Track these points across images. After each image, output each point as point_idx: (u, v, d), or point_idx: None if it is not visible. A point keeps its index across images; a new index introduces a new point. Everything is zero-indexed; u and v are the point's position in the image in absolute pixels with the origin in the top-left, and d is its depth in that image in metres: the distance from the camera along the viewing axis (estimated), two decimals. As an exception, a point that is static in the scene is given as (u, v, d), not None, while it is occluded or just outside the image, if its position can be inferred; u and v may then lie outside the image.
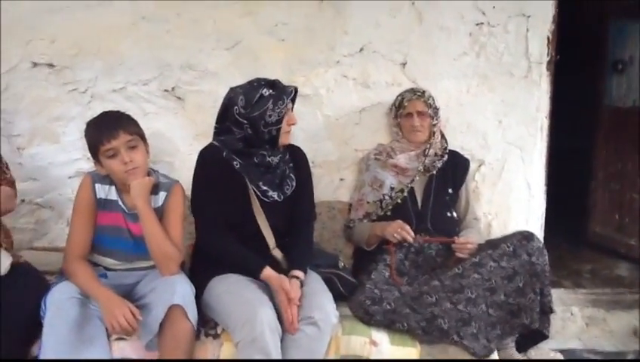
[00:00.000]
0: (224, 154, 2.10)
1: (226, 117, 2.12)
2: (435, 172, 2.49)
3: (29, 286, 1.89)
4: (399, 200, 2.45)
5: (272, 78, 2.16)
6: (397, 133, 2.59)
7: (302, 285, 2.01)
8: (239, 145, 2.10)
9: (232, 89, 2.14)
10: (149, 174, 2.04)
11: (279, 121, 2.07)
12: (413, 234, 2.27)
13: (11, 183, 2.07)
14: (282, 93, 2.06)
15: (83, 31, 2.54)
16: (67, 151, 2.59)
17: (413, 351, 2.07)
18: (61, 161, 2.59)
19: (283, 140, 2.12)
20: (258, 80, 2.12)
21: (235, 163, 2.10)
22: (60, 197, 2.60)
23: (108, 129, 1.94)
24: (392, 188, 2.47)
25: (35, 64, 2.54)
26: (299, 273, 2.04)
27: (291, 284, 1.98)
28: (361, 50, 2.69)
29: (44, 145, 2.58)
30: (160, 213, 2.04)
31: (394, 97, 2.63)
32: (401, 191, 2.46)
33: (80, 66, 2.56)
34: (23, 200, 2.51)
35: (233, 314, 1.90)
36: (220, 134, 2.16)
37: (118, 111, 2.05)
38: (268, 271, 2.01)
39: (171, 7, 2.57)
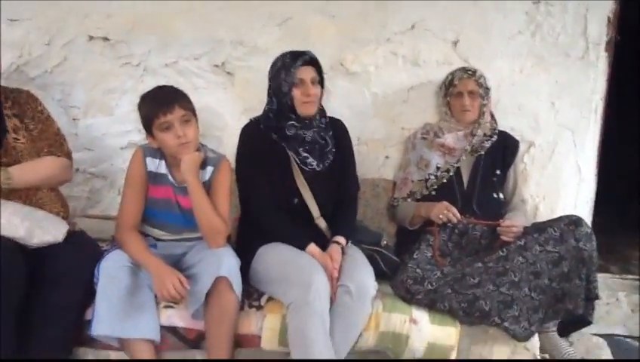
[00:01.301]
0: (261, 127, 2.16)
1: None
2: (483, 152, 2.46)
3: (83, 253, 1.96)
4: (445, 180, 2.44)
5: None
6: (446, 113, 2.56)
7: (343, 252, 2.05)
8: (271, 117, 2.16)
9: None
10: (198, 149, 2.08)
11: (289, 91, 2.10)
12: (459, 215, 2.26)
13: (68, 155, 2.15)
14: (291, 63, 2.09)
15: (138, 6, 2.59)
16: (120, 122, 2.66)
17: (453, 330, 2.07)
18: (114, 132, 2.67)
19: (302, 111, 2.13)
20: (287, 52, 2.15)
21: (273, 134, 2.15)
22: (112, 168, 2.68)
23: (164, 102, 1.97)
24: (438, 168, 2.45)
25: (91, 37, 2.61)
26: (340, 238, 2.10)
27: (332, 249, 2.04)
28: (413, 27, 2.65)
29: (99, 116, 2.66)
30: (207, 186, 2.08)
31: (444, 76, 2.59)
32: (447, 171, 2.44)
33: (134, 41, 2.61)
34: (77, 170, 2.60)
35: (287, 277, 1.95)
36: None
37: (172, 86, 2.08)
38: (312, 248, 2.05)
39: (224, -16, 2.59)
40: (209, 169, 2.11)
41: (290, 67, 2.08)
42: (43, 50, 2.59)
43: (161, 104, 1.97)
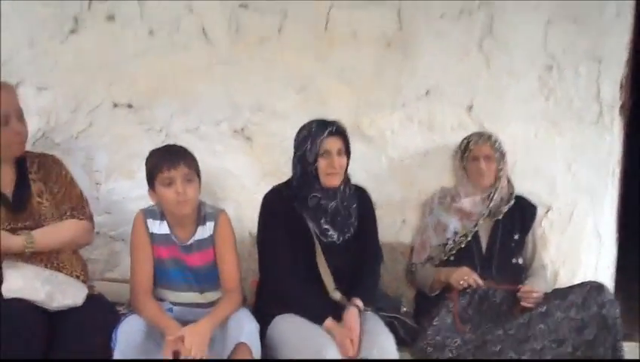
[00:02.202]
0: (284, 194, 2.18)
1: None
2: (500, 217, 2.47)
3: (101, 317, 1.97)
4: (463, 245, 2.44)
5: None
6: (462, 177, 2.58)
7: (360, 314, 2.03)
8: (294, 186, 2.18)
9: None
10: (199, 206, 2.14)
11: (314, 161, 2.11)
12: (480, 281, 2.25)
13: (90, 218, 2.19)
14: (317, 133, 2.11)
15: (161, 74, 2.67)
16: (140, 186, 2.65)
17: (475, 399, 2.03)
18: (134, 196, 2.69)
19: (326, 182, 2.14)
20: (314, 121, 2.18)
21: (295, 203, 2.16)
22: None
23: (170, 158, 2.03)
24: (455, 233, 2.46)
25: (115, 104, 2.69)
26: (358, 301, 2.07)
27: (349, 315, 2.01)
28: (428, 93, 2.71)
29: (120, 180, 2.71)
30: (210, 242, 2.13)
31: (459, 140, 2.63)
32: (465, 235, 2.44)
33: (157, 107, 2.69)
34: (97, 233, 2.60)
35: (299, 353, 1.92)
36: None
37: (181, 146, 2.15)
38: (330, 323, 2.02)
39: (244, 52, 2.68)
40: (209, 224, 2.15)
41: (317, 137, 2.10)
42: (69, 116, 2.67)
43: (167, 159, 2.03)
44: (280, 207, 2.18)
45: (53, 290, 1.88)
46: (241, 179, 2.72)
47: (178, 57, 2.68)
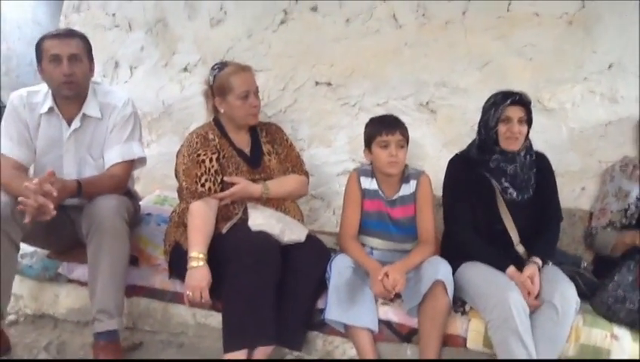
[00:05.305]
0: (467, 159, 2.41)
1: None
2: (686, 185, 2.48)
3: (318, 252, 2.38)
4: (646, 211, 2.48)
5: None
6: (646, 147, 2.64)
7: (540, 271, 2.20)
8: (475, 150, 2.39)
9: None
10: (405, 167, 2.45)
11: (495, 126, 2.31)
12: None
13: (306, 174, 2.62)
14: (501, 100, 2.30)
15: (356, 56, 3.06)
16: (337, 153, 3.12)
17: (657, 352, 2.10)
18: (332, 161, 3.12)
19: (505, 146, 2.32)
20: (502, 91, 2.36)
21: (478, 166, 2.38)
22: (329, 191, 3.13)
23: (388, 125, 2.38)
24: (638, 199, 2.52)
25: (317, 83, 3.12)
26: (536, 259, 2.24)
27: (529, 269, 2.19)
28: (610, 67, 2.78)
29: (320, 148, 3.14)
30: (412, 198, 2.43)
31: (643, 112, 2.67)
32: (648, 201, 2.49)
33: (352, 85, 3.08)
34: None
35: (485, 295, 2.15)
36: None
37: (397, 116, 2.48)
38: (512, 270, 2.22)
39: (430, 34, 2.97)
40: (412, 183, 2.46)
41: (500, 105, 2.30)
42: (279, 94, 3.16)
43: (386, 126, 2.38)
44: (464, 170, 2.42)
45: (284, 228, 2.31)
46: (425, 148, 3.01)
47: (371, 41, 3.05)
